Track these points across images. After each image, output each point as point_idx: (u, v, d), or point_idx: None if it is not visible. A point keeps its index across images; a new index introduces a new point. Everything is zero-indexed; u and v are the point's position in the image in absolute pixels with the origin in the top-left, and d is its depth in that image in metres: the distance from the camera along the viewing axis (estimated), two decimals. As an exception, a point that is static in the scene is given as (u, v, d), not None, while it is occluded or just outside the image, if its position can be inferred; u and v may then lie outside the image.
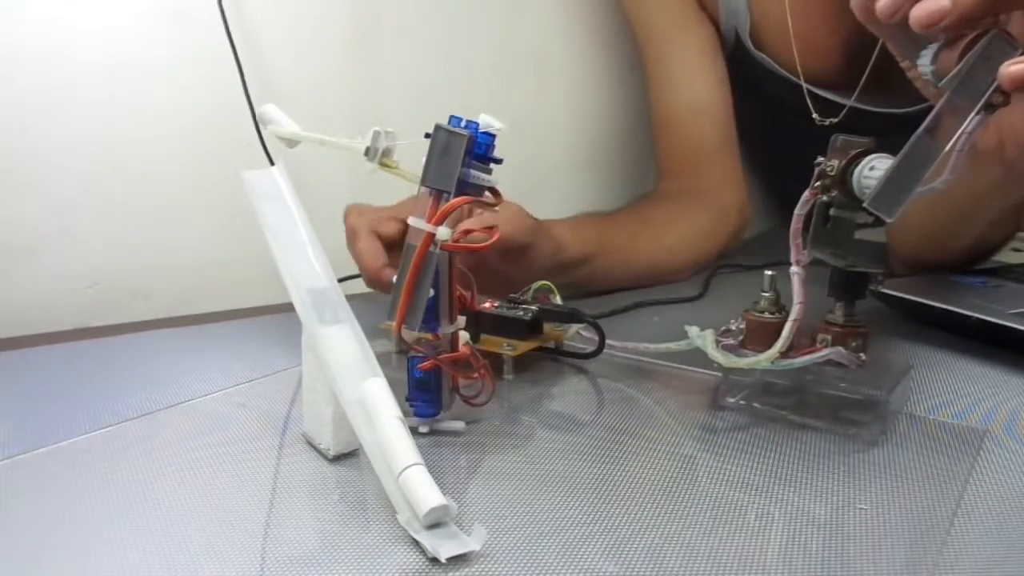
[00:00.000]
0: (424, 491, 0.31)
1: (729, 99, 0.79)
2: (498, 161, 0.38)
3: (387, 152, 0.38)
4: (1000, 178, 0.53)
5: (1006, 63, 0.35)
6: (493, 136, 0.38)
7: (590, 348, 0.50)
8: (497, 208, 0.39)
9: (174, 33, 0.62)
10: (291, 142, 0.41)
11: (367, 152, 0.38)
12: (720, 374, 0.44)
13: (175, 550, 0.30)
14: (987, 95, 0.36)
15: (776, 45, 0.77)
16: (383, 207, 0.53)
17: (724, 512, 0.33)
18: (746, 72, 0.80)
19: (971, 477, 0.37)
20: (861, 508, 0.34)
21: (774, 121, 0.83)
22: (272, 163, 0.55)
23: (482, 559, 0.30)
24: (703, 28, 0.79)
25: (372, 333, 0.39)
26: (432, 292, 0.38)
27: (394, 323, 0.37)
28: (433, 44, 0.75)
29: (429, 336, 0.40)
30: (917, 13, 0.35)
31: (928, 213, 0.61)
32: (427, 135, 0.37)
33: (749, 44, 0.78)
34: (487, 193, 0.38)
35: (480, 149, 0.37)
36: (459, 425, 0.41)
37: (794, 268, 0.41)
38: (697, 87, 0.78)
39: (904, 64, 0.42)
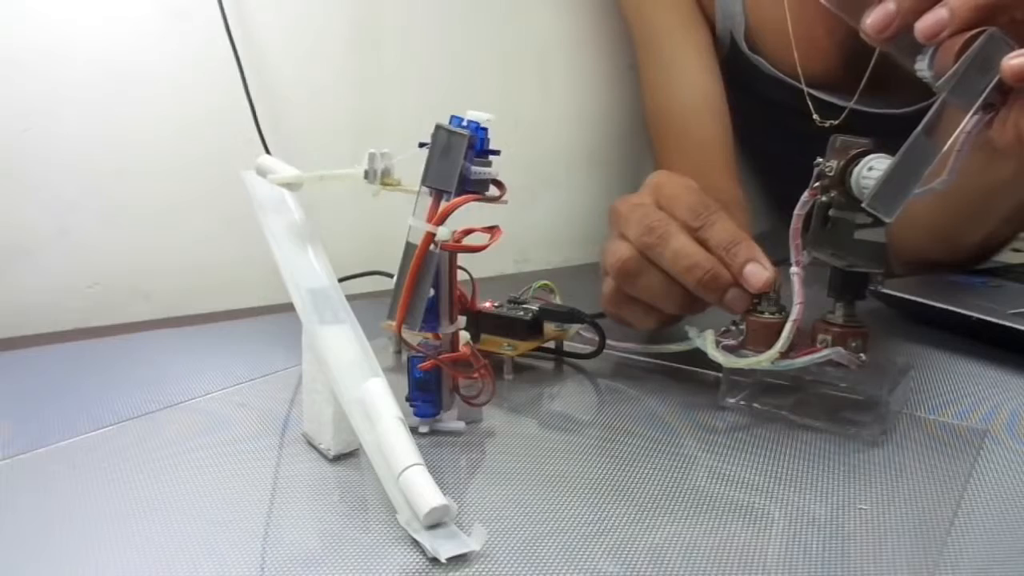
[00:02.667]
0: (424, 491, 0.31)
1: (725, 98, 0.79)
2: (496, 152, 0.38)
3: (386, 172, 0.39)
4: (1015, 173, 0.53)
5: (1007, 56, 0.35)
6: (485, 129, 0.38)
7: (590, 348, 0.50)
8: (506, 199, 0.38)
9: (174, 33, 0.62)
10: (293, 185, 0.41)
11: (366, 175, 0.39)
12: (720, 374, 0.44)
13: (175, 550, 0.30)
14: (984, 94, 0.36)
15: (772, 47, 0.77)
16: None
17: (724, 512, 0.33)
18: (742, 74, 0.80)
19: (971, 477, 0.37)
20: (861, 508, 0.34)
21: (771, 122, 0.83)
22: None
23: (482, 559, 0.30)
24: (700, 28, 0.79)
25: (372, 333, 0.39)
26: (432, 292, 0.38)
27: (394, 323, 0.37)
28: (434, 43, 0.76)
29: (429, 336, 0.40)
30: (920, 25, 0.37)
31: (939, 210, 0.61)
32: (421, 144, 0.37)
33: (744, 46, 0.78)
34: (492, 186, 0.38)
35: (477, 145, 0.37)
36: (459, 425, 0.41)
37: (794, 268, 0.41)
38: (694, 86, 0.78)
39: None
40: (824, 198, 0.42)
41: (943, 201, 0.48)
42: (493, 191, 0.38)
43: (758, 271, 0.42)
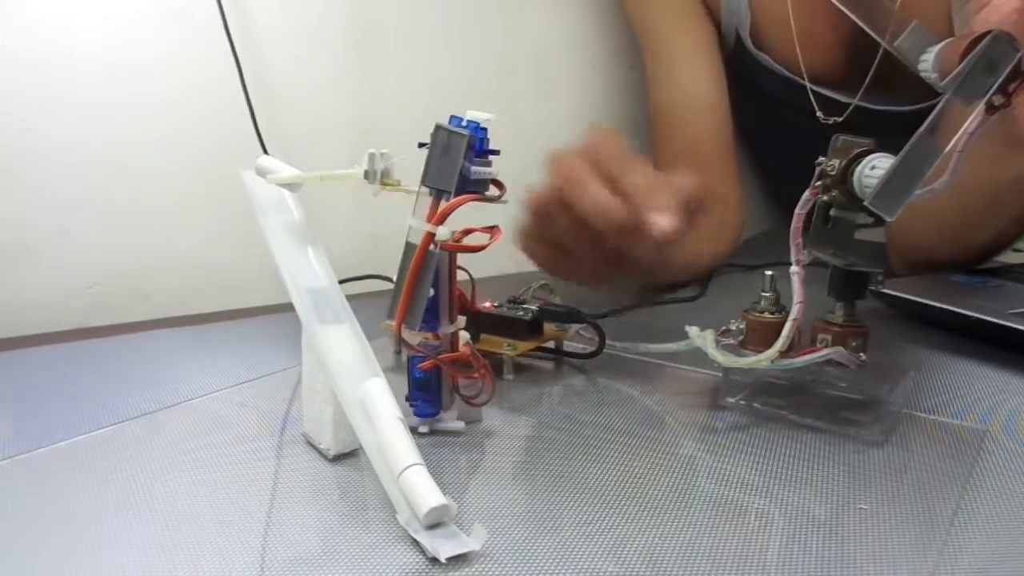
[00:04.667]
0: (424, 491, 0.31)
1: (727, 97, 0.79)
2: (495, 152, 0.38)
3: (386, 172, 0.39)
4: None
5: None
6: (485, 129, 0.38)
7: (590, 348, 0.50)
8: (505, 200, 0.39)
9: (174, 33, 0.62)
10: (293, 185, 0.41)
11: (366, 175, 0.39)
12: (720, 374, 0.44)
13: (175, 550, 0.30)
14: (988, 95, 0.36)
15: (777, 44, 0.77)
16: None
17: (724, 512, 0.33)
18: (746, 72, 0.80)
19: (971, 477, 0.37)
20: (861, 508, 0.34)
21: (775, 121, 0.83)
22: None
23: (482, 559, 0.30)
24: (704, 26, 0.79)
25: (372, 333, 0.39)
26: (432, 292, 0.38)
27: (394, 323, 0.37)
28: (433, 43, 0.76)
29: (429, 336, 0.40)
30: None
31: (950, 210, 0.61)
32: (420, 144, 0.37)
33: (749, 43, 0.78)
34: (491, 185, 0.38)
35: (477, 144, 0.37)
36: (459, 425, 0.41)
37: (794, 268, 0.41)
38: (696, 85, 0.78)
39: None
40: (825, 197, 0.42)
41: (955, 200, 0.47)
42: (493, 191, 0.39)
43: (660, 221, 0.43)
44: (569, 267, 0.50)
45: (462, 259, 0.41)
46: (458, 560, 0.30)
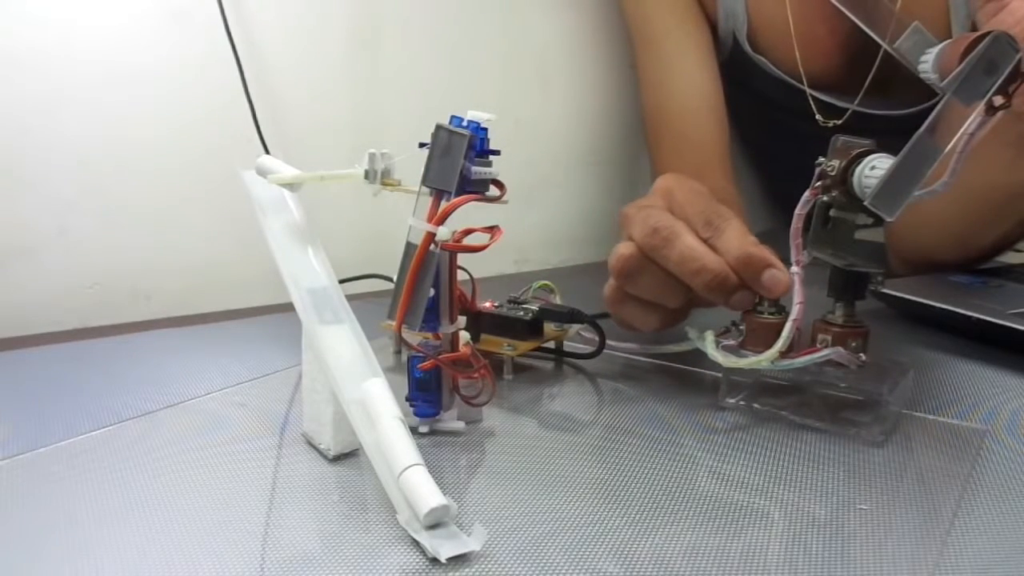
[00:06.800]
0: (424, 491, 0.31)
1: (723, 98, 0.79)
2: (496, 152, 0.38)
3: (387, 172, 0.39)
4: None
5: None
6: (486, 129, 0.38)
7: (590, 348, 0.50)
8: (506, 200, 0.39)
9: (174, 33, 0.62)
10: (293, 185, 0.41)
11: (366, 175, 0.39)
12: (720, 374, 0.44)
13: (174, 550, 0.30)
14: (988, 96, 0.36)
15: (774, 47, 0.77)
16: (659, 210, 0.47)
17: (725, 513, 0.33)
18: (744, 74, 0.80)
19: (971, 477, 0.37)
20: (861, 508, 0.34)
21: (773, 122, 0.83)
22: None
23: (482, 559, 0.30)
24: (700, 28, 0.79)
25: (372, 333, 0.39)
26: (432, 292, 0.38)
27: (394, 323, 0.37)
28: (434, 43, 0.76)
29: (429, 336, 0.40)
30: None
31: (956, 212, 0.60)
32: (421, 145, 0.37)
33: (746, 46, 0.78)
34: (492, 186, 0.38)
35: (478, 145, 0.38)
36: (459, 425, 0.41)
37: (794, 268, 0.41)
38: (693, 86, 0.78)
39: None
40: (825, 198, 0.42)
41: (963, 203, 0.47)
42: (493, 191, 0.39)
43: (778, 277, 0.42)
44: (656, 319, 0.48)
45: (462, 259, 0.41)
46: (458, 560, 0.30)
